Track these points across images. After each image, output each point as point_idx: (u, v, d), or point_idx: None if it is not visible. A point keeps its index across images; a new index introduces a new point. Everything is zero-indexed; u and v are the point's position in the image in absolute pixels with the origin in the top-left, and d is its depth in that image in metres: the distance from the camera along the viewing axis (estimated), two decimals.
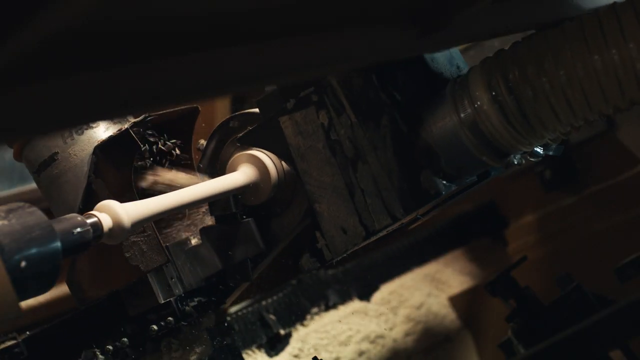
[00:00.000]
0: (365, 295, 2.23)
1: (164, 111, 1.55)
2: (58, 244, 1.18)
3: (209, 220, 1.62)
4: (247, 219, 1.57)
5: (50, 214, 1.51)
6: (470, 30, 1.30)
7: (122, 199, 1.41)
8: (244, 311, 1.97)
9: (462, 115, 1.34)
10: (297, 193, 1.56)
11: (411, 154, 1.37)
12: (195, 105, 1.58)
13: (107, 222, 1.29)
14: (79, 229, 1.25)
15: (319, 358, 1.63)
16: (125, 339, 1.57)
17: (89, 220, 1.28)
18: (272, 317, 2.02)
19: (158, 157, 1.60)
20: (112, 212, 1.30)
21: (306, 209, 1.53)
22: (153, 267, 1.48)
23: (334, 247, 1.46)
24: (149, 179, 1.56)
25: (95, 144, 1.51)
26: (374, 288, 2.25)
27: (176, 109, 1.57)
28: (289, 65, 1.06)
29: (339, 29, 1.10)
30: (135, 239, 1.48)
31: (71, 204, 1.50)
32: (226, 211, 1.59)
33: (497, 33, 1.45)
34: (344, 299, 2.18)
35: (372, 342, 2.10)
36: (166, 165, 1.62)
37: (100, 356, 1.57)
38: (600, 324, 1.40)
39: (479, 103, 1.33)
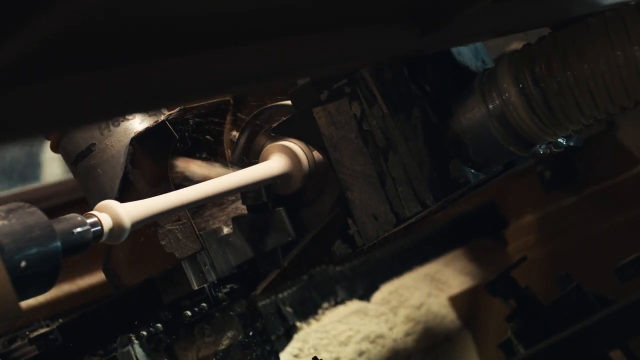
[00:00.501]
0: (365, 295, 2.23)
1: (198, 104, 1.59)
2: (58, 244, 1.18)
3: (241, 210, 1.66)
4: (278, 208, 1.62)
5: (85, 205, 1.55)
6: (470, 30, 1.31)
7: (158, 189, 1.48)
8: (262, 303, 1.99)
9: (490, 106, 1.40)
10: (327, 183, 1.61)
11: (441, 144, 1.43)
12: (227, 98, 1.62)
13: (107, 222, 1.29)
14: (78, 229, 1.25)
15: (319, 358, 1.63)
16: (159, 325, 1.61)
17: (88, 220, 1.28)
18: (288, 309, 2.04)
19: (192, 149, 1.64)
20: (112, 212, 1.30)
21: (336, 199, 1.58)
22: (188, 254, 1.53)
23: (365, 234, 1.51)
24: (183, 170, 1.60)
25: (131, 135, 1.56)
26: (374, 288, 2.25)
27: (209, 101, 1.60)
28: (289, 65, 1.06)
29: (339, 29, 1.10)
30: (170, 227, 1.53)
31: (108, 194, 1.54)
32: (257, 201, 1.63)
33: (497, 33, 1.45)
34: (352, 294, 2.19)
35: (372, 342, 2.10)
36: (201, 156, 1.66)
37: (136, 341, 1.60)
38: (600, 324, 1.40)
39: (506, 95, 1.39)
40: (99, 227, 1.29)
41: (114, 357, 1.60)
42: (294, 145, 1.61)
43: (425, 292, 2.28)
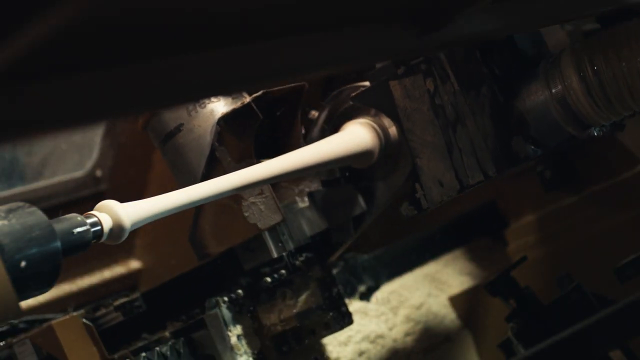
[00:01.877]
0: (365, 295, 2.23)
1: (277, 88, 1.71)
2: (58, 244, 1.18)
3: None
4: (349, 184, 1.78)
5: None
6: (471, 30, 1.31)
7: (242, 164, 1.60)
8: None
9: (553, 90, 1.56)
10: (401, 158, 1.73)
11: (506, 121, 1.59)
12: (302, 83, 1.74)
13: (107, 222, 1.29)
14: (78, 229, 1.25)
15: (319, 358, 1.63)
16: (240, 291, 1.75)
17: (88, 220, 1.28)
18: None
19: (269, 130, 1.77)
20: (112, 212, 1.30)
21: (407, 175, 1.70)
22: (270, 225, 1.66)
23: (430, 198, 1.66)
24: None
25: (217, 116, 1.69)
26: (374, 288, 2.26)
27: (286, 86, 1.72)
28: (289, 65, 1.06)
29: (339, 29, 1.10)
30: (253, 200, 1.66)
31: (195, 170, 1.69)
32: (331, 176, 1.79)
33: (497, 33, 1.45)
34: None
35: (372, 342, 2.10)
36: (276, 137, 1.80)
37: (222, 304, 1.73)
38: (600, 324, 1.40)
39: (568, 81, 1.54)
40: (98, 227, 1.29)
41: (202, 320, 1.71)
42: (372, 122, 1.71)
43: (425, 292, 2.28)
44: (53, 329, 1.70)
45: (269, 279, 1.74)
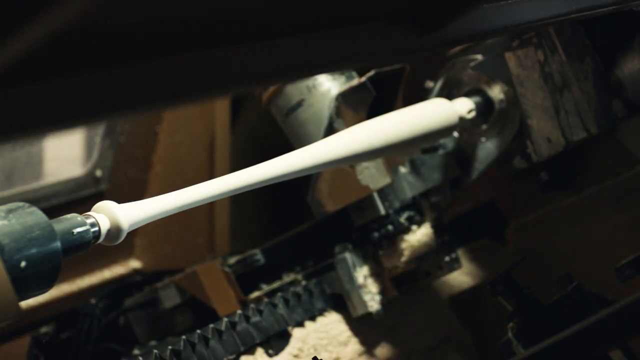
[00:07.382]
0: None
1: (386, 68, 1.93)
2: (58, 244, 1.18)
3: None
4: (444, 151, 2.05)
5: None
6: (471, 30, 1.31)
7: None
8: None
9: None
10: (508, 122, 2.00)
11: (606, 86, 1.87)
12: (404, 65, 1.96)
13: (104, 223, 1.30)
14: (78, 229, 1.25)
15: (319, 358, 1.63)
16: (350, 245, 1.99)
17: (88, 221, 1.28)
18: None
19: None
20: (109, 213, 1.30)
21: (515, 134, 1.99)
22: (380, 186, 1.91)
23: (540, 152, 1.99)
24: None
25: (332, 93, 1.93)
26: None
27: (392, 67, 1.94)
28: (289, 65, 1.06)
29: (339, 29, 1.10)
30: (366, 165, 1.90)
31: (314, 139, 1.84)
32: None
33: (497, 33, 1.45)
34: None
35: (372, 342, 2.10)
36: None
37: (350, 249, 1.98)
38: (600, 324, 1.40)
39: None
40: (96, 228, 1.29)
41: (331, 263, 1.98)
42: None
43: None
44: (197, 273, 1.95)
45: (376, 234, 1.98)
